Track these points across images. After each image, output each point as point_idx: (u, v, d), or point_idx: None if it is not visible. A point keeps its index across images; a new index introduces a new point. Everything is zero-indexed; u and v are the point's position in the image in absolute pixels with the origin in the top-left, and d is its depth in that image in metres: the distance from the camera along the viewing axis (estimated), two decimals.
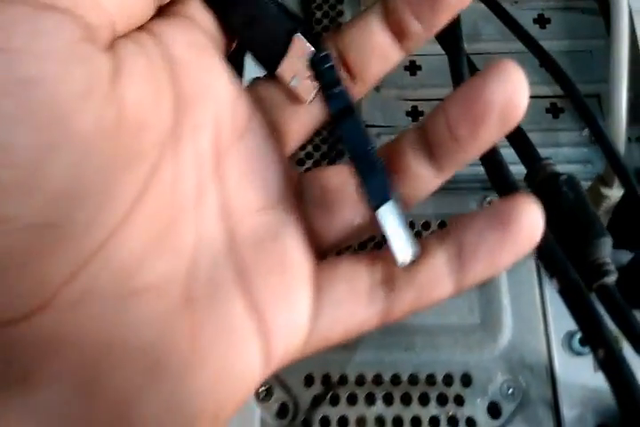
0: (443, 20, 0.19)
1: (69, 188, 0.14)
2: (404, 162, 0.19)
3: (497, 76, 0.17)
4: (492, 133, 0.18)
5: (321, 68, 0.19)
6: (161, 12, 0.18)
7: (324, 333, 0.18)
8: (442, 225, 0.28)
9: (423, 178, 0.19)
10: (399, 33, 0.20)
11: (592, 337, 0.18)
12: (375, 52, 0.20)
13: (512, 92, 0.17)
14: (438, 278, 0.18)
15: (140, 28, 0.18)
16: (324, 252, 0.20)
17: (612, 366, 0.17)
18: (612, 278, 0.21)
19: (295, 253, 0.19)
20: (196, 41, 0.18)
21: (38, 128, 0.14)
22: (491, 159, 0.22)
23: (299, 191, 0.20)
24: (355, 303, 0.18)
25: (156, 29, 0.18)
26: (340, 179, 0.20)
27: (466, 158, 0.19)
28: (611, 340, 0.18)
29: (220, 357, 0.16)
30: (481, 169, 0.23)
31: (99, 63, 0.15)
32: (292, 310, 0.18)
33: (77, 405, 0.15)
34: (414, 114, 0.33)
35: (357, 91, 0.20)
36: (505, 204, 0.18)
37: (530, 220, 0.17)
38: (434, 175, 0.19)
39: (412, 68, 0.34)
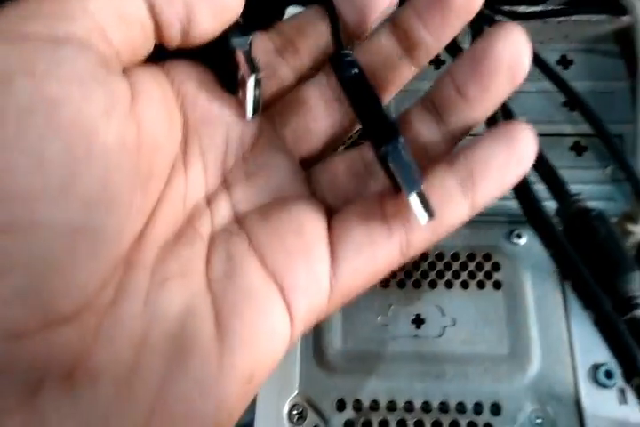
0: (452, 28, 0.20)
1: (99, 196, 0.16)
2: (414, 128, 0.20)
3: (502, 37, 0.18)
4: (500, 90, 0.19)
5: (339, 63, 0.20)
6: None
7: (347, 284, 0.19)
8: (470, 257, 0.29)
9: (433, 143, 0.20)
10: (409, 45, 0.21)
11: (627, 366, 0.19)
12: (386, 65, 0.21)
13: (517, 50, 0.18)
14: (452, 201, 0.18)
15: (153, 63, 0.19)
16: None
17: None
18: None
19: (305, 213, 0.19)
20: (202, 74, 0.20)
21: (67, 142, 0.15)
22: (525, 194, 0.23)
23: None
24: (373, 244, 0.19)
25: (167, 65, 0.20)
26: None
27: (474, 118, 0.20)
28: None
29: (245, 327, 0.17)
30: (507, 203, 0.24)
31: (117, 86, 0.17)
32: (311, 270, 0.18)
33: (118, 399, 0.15)
34: None
35: None
36: (505, 126, 0.19)
37: (528, 138, 0.18)
38: (442, 139, 0.20)
39: None
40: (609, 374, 0.26)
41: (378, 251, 0.19)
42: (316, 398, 0.26)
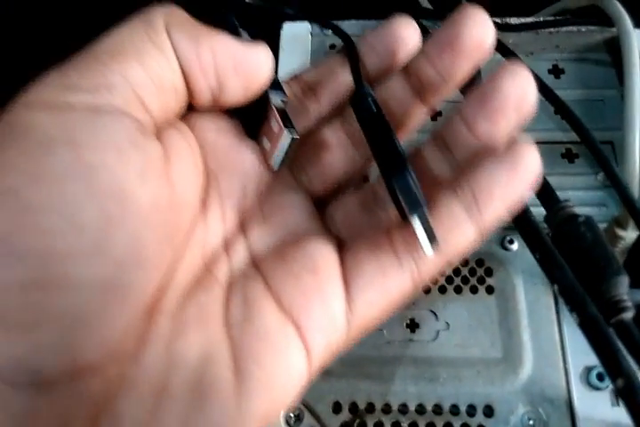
0: (462, 70, 0.21)
1: (129, 254, 0.16)
2: (425, 163, 0.21)
3: (509, 76, 0.19)
4: (509, 125, 0.20)
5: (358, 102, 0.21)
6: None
7: (363, 317, 0.19)
8: (464, 262, 0.30)
9: (442, 175, 0.21)
10: (422, 89, 0.21)
11: (611, 367, 0.19)
12: (399, 107, 0.22)
13: (524, 88, 0.19)
14: (460, 227, 0.19)
15: (181, 118, 0.21)
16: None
17: (630, 394, 0.19)
18: (629, 314, 0.22)
19: (319, 251, 0.20)
20: (223, 126, 0.21)
21: (103, 206, 0.16)
22: None
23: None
24: (385, 276, 0.19)
25: (192, 120, 0.21)
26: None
27: (484, 151, 0.20)
28: (629, 369, 0.19)
29: (263, 370, 0.18)
30: None
31: (151, 149, 0.18)
32: (327, 307, 0.19)
33: None
34: None
35: None
36: (509, 147, 0.19)
37: (532, 158, 0.19)
38: (451, 171, 0.21)
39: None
40: (601, 377, 0.26)
41: (390, 282, 0.19)
42: (313, 401, 0.26)
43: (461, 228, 0.19)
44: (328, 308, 0.19)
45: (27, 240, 0.15)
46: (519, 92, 0.19)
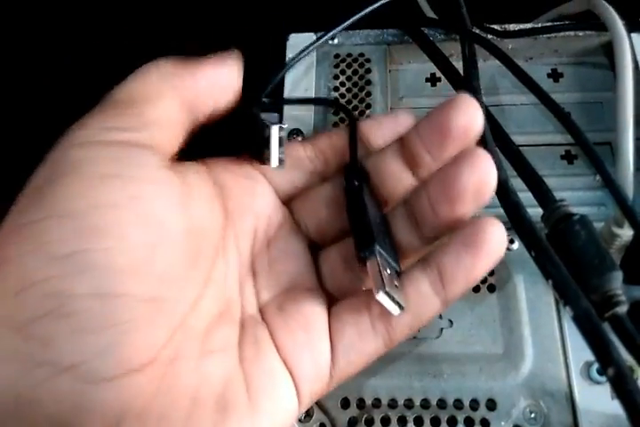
0: (450, 151, 0.23)
1: (168, 272, 0.19)
2: (394, 227, 0.24)
3: (470, 164, 0.21)
4: (467, 209, 0.22)
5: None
6: None
7: (342, 372, 0.22)
8: None
9: (408, 242, 0.24)
10: (412, 163, 0.24)
11: (602, 357, 0.20)
12: (390, 177, 0.24)
13: (484, 175, 0.21)
14: (426, 300, 0.22)
15: (199, 161, 0.24)
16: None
17: (621, 382, 0.19)
18: (623, 308, 0.23)
19: (312, 310, 0.23)
20: (239, 169, 0.25)
21: (146, 230, 0.19)
22: (509, 201, 0.25)
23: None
24: (363, 342, 0.22)
25: (209, 162, 0.24)
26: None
27: (445, 230, 0.23)
28: (619, 359, 0.20)
29: (268, 403, 0.20)
30: (498, 210, 0.25)
31: (176, 183, 0.21)
32: (315, 362, 0.22)
33: None
34: None
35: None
36: (473, 228, 0.21)
37: (497, 237, 0.21)
38: (417, 240, 0.23)
39: None
40: (601, 372, 0.27)
41: (366, 346, 0.22)
42: (322, 397, 0.27)
43: (428, 301, 0.22)
44: (316, 363, 0.22)
45: (93, 257, 0.17)
46: (478, 181, 0.21)
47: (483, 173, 0.21)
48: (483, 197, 0.22)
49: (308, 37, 0.39)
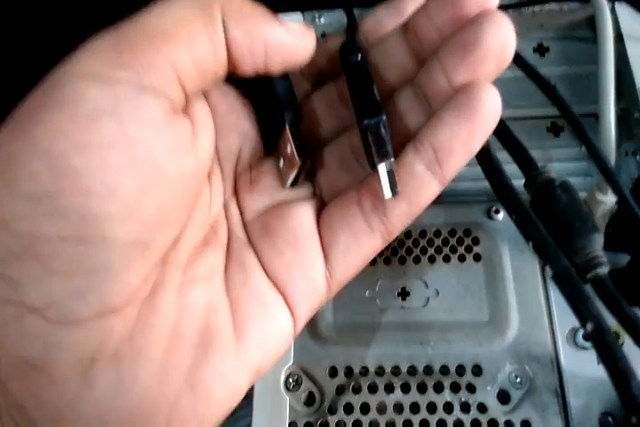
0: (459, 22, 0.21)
1: (155, 217, 0.18)
2: (400, 110, 0.21)
3: (491, 27, 0.19)
4: (487, 76, 0.20)
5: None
6: None
7: (341, 277, 0.21)
8: (452, 233, 0.31)
9: (417, 124, 0.21)
10: (417, 45, 0.22)
11: (581, 312, 0.20)
12: (393, 65, 0.22)
13: (505, 39, 0.19)
14: (422, 183, 0.20)
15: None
16: None
17: (599, 336, 0.20)
18: (604, 269, 0.23)
19: (300, 224, 0.21)
20: (226, 90, 0.23)
21: (138, 175, 0.18)
22: (491, 167, 0.25)
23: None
24: (359, 242, 0.21)
25: (208, 95, 0.22)
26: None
27: None
28: (598, 313, 0.20)
29: (257, 331, 0.20)
30: (486, 184, 0.25)
31: (182, 126, 0.20)
32: (308, 278, 0.21)
33: (154, 377, 0.18)
34: None
35: None
36: (465, 96, 0.19)
37: (491, 101, 0.19)
38: (426, 119, 0.21)
39: None
40: (587, 336, 0.27)
41: (363, 246, 0.21)
42: (310, 366, 0.28)
43: (424, 185, 0.20)
44: (310, 279, 0.21)
45: (69, 200, 0.17)
46: (500, 43, 0.19)
47: (505, 35, 0.19)
48: (504, 61, 0.20)
49: (296, 17, 0.39)
